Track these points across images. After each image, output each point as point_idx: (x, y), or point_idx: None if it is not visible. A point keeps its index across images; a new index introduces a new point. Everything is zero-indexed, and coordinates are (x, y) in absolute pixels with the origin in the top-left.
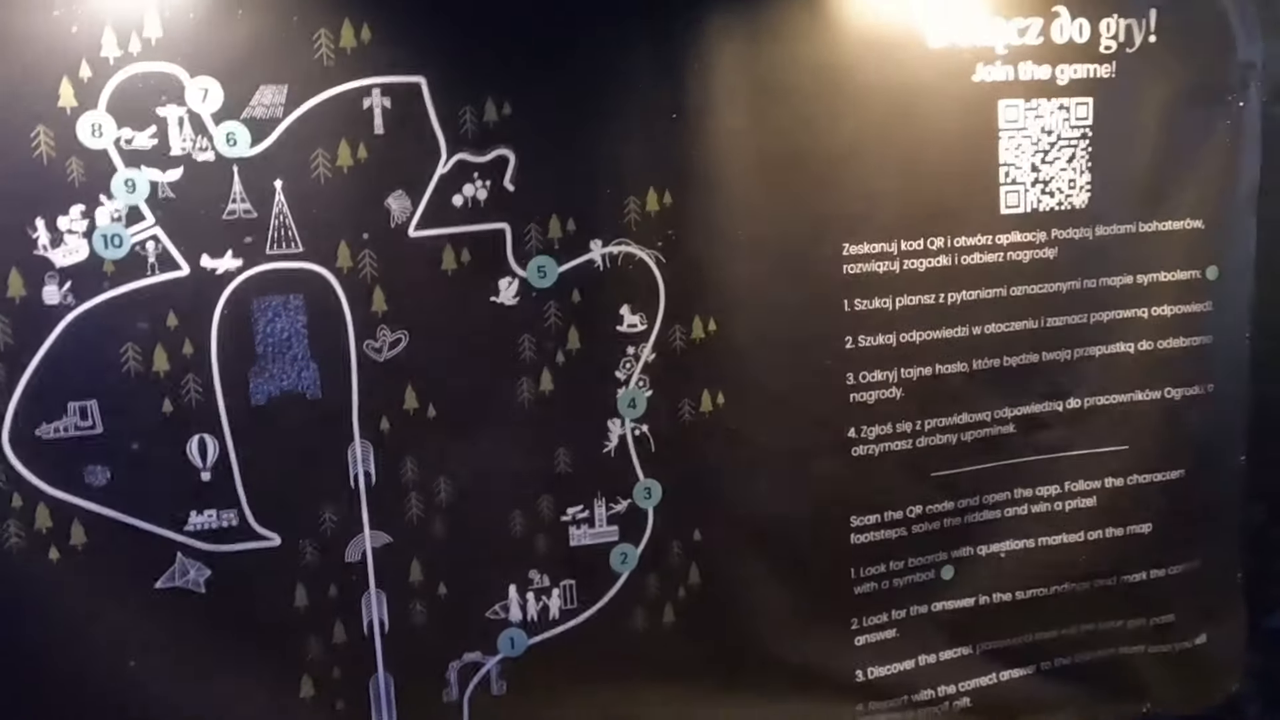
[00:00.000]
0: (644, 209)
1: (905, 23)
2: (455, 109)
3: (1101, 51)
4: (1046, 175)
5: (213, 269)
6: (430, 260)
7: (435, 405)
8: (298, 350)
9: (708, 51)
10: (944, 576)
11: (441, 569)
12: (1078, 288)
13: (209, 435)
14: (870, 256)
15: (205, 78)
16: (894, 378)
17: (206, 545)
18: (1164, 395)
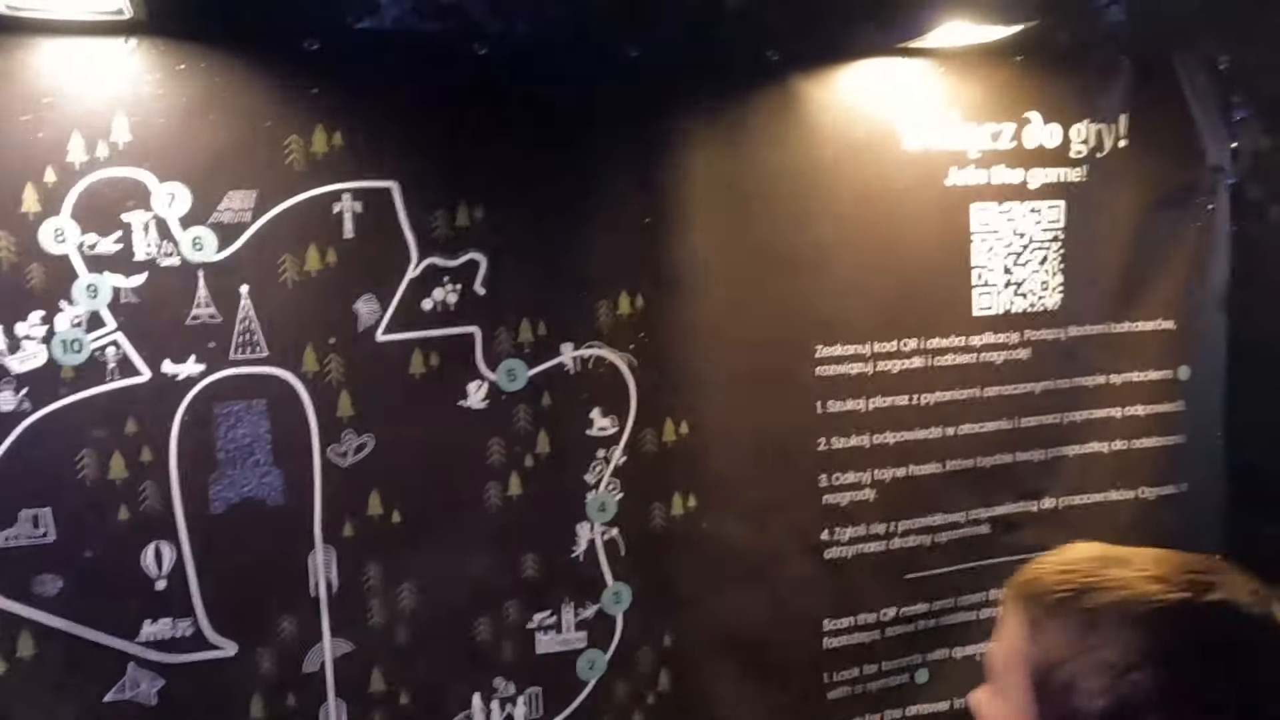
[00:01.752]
0: (616, 312)
1: (879, 127)
2: (427, 213)
3: (1073, 156)
4: (1019, 277)
5: (174, 374)
6: (398, 364)
7: (400, 510)
8: (260, 456)
9: (681, 155)
10: (918, 679)
11: (404, 677)
12: (1051, 388)
13: (165, 543)
14: (843, 358)
15: (173, 183)
16: (867, 479)
17: (160, 655)
18: (1138, 495)
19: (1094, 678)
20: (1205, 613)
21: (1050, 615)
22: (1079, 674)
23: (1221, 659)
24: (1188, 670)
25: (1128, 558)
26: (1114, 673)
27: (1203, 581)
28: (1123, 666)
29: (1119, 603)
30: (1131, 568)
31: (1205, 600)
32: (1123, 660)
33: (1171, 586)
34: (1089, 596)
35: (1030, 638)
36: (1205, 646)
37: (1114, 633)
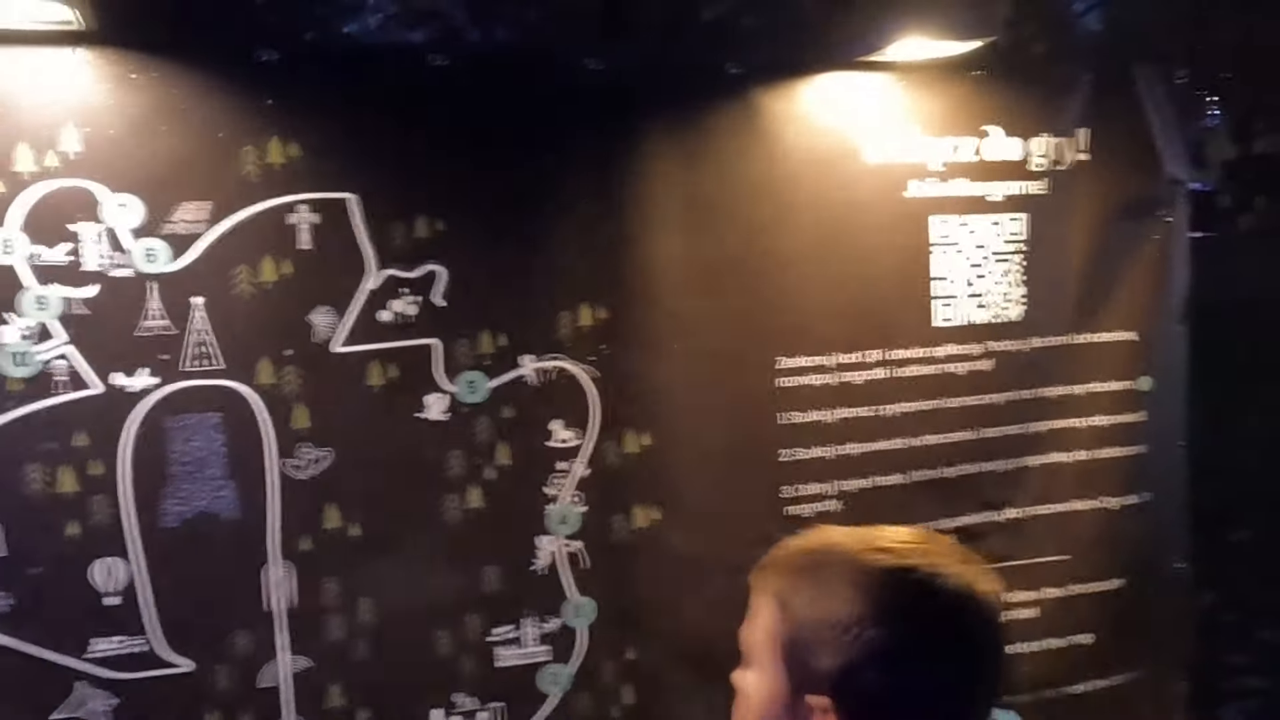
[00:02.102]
0: (577, 323)
1: (840, 140)
2: (385, 225)
3: (1033, 169)
4: (981, 289)
5: (125, 387)
6: (356, 376)
7: (359, 524)
8: (214, 470)
9: (642, 167)
10: None
11: (363, 693)
12: (1014, 399)
13: (117, 559)
14: (806, 369)
15: (125, 194)
16: (831, 490)
17: (110, 673)
18: (1101, 504)
19: (828, 639)
20: (916, 578)
21: (791, 590)
22: (815, 639)
23: (930, 620)
24: (902, 629)
25: (860, 534)
26: (842, 633)
27: (920, 551)
28: (848, 627)
29: (846, 571)
30: (860, 541)
31: (918, 567)
32: (848, 621)
33: (892, 556)
34: (822, 569)
35: (777, 614)
36: (915, 608)
37: (841, 598)
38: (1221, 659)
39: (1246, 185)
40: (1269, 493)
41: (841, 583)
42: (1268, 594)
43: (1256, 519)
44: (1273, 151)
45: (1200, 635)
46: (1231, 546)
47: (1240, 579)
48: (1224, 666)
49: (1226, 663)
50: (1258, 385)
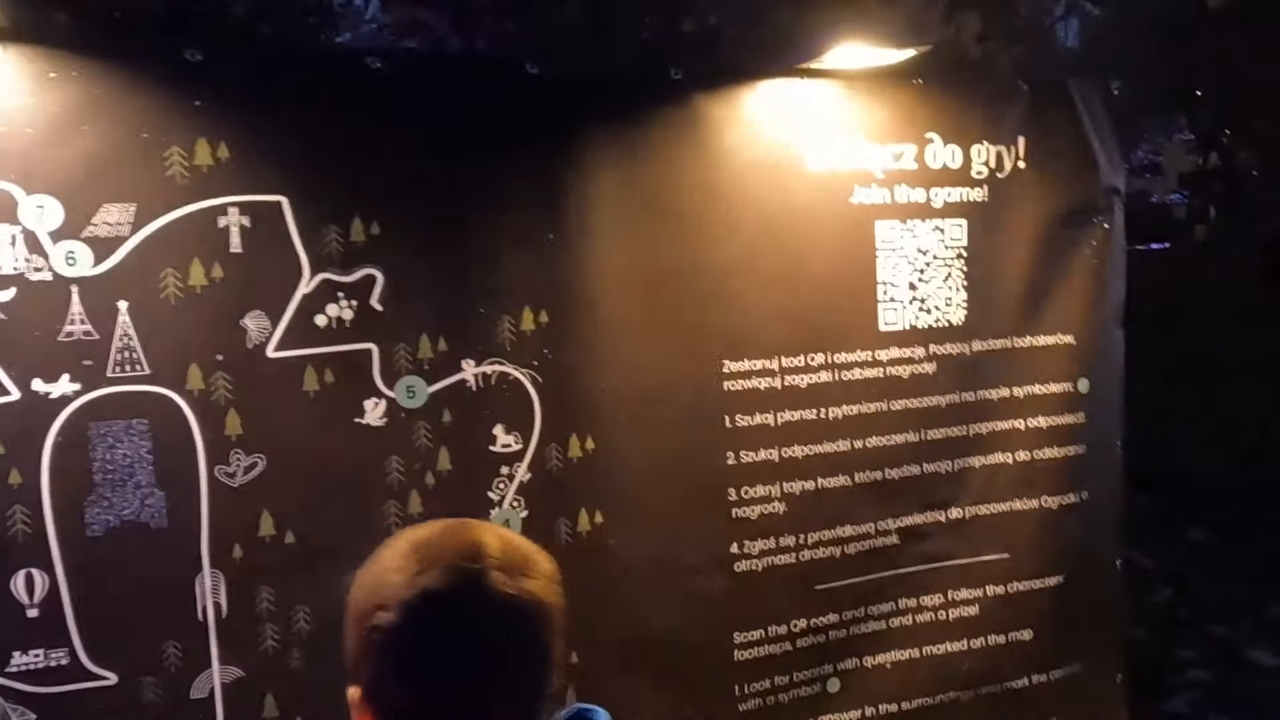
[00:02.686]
0: (519, 328)
1: (784, 146)
2: (319, 228)
3: (974, 176)
4: (924, 293)
5: (46, 393)
6: (290, 381)
7: (294, 532)
8: (141, 478)
9: (584, 171)
10: (830, 689)
11: (299, 703)
12: (956, 401)
13: (37, 569)
14: (751, 373)
15: (42, 195)
16: (776, 492)
17: (31, 687)
18: (1041, 504)
19: (351, 631)
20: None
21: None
22: (348, 630)
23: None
24: (396, 622)
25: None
26: (357, 626)
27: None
28: (360, 620)
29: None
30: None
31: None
32: (360, 615)
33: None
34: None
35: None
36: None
37: (362, 591)
38: (1172, 654)
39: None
40: (1222, 494)
41: (374, 579)
42: (1220, 591)
43: (1213, 519)
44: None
45: (1152, 631)
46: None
47: (1194, 577)
48: (1174, 661)
49: (1177, 657)
50: None
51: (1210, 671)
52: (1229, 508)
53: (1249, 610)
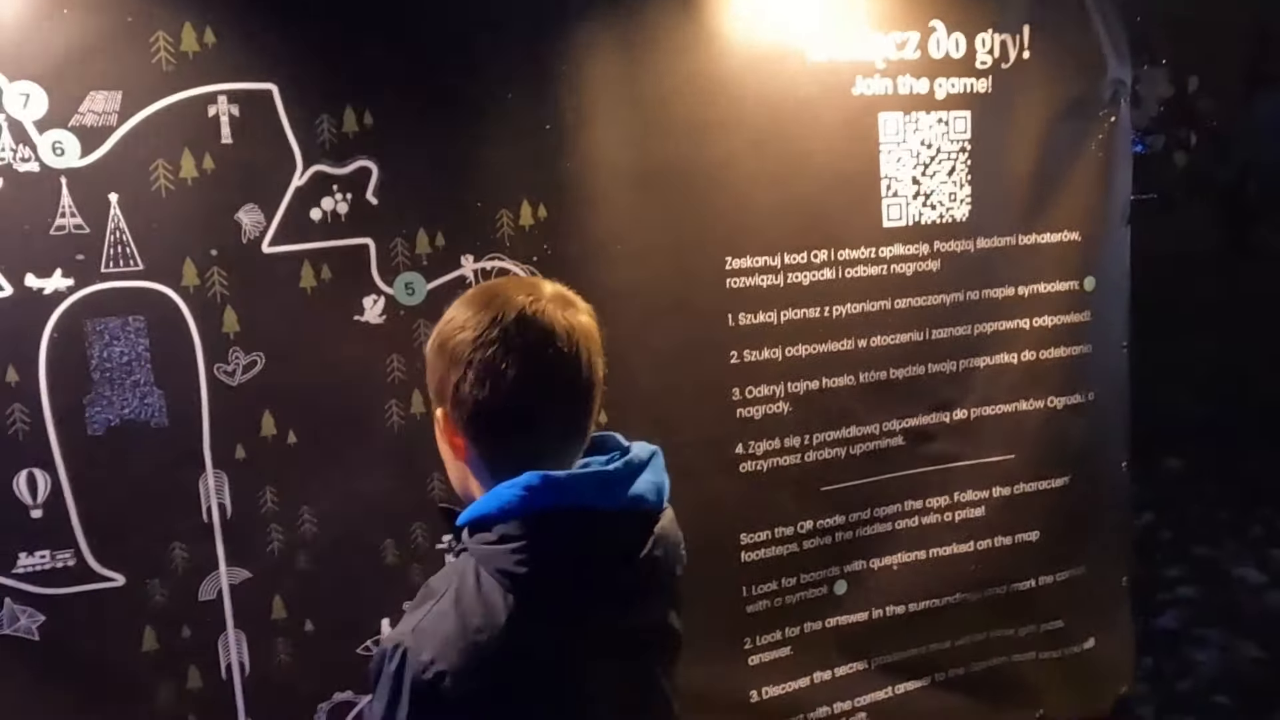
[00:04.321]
0: (518, 223)
1: (784, 36)
2: (311, 118)
3: (978, 66)
4: (928, 188)
5: (40, 289)
6: (287, 278)
7: (296, 431)
8: (140, 375)
9: (583, 61)
10: (837, 591)
11: (307, 604)
12: (961, 300)
13: (39, 469)
14: (753, 270)
15: (26, 82)
16: (780, 392)
17: (39, 588)
18: (1047, 404)
19: (436, 360)
20: (486, 295)
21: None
22: (432, 360)
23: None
24: (480, 349)
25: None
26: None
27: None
28: (443, 345)
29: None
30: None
31: (491, 290)
32: (445, 341)
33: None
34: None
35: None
36: (483, 317)
37: (450, 326)
38: (1159, 572)
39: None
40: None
41: (448, 313)
42: (1202, 512)
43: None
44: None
45: (1138, 551)
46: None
47: (1177, 499)
48: (1163, 579)
49: (1164, 575)
50: None
51: (1198, 588)
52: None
53: (1232, 532)
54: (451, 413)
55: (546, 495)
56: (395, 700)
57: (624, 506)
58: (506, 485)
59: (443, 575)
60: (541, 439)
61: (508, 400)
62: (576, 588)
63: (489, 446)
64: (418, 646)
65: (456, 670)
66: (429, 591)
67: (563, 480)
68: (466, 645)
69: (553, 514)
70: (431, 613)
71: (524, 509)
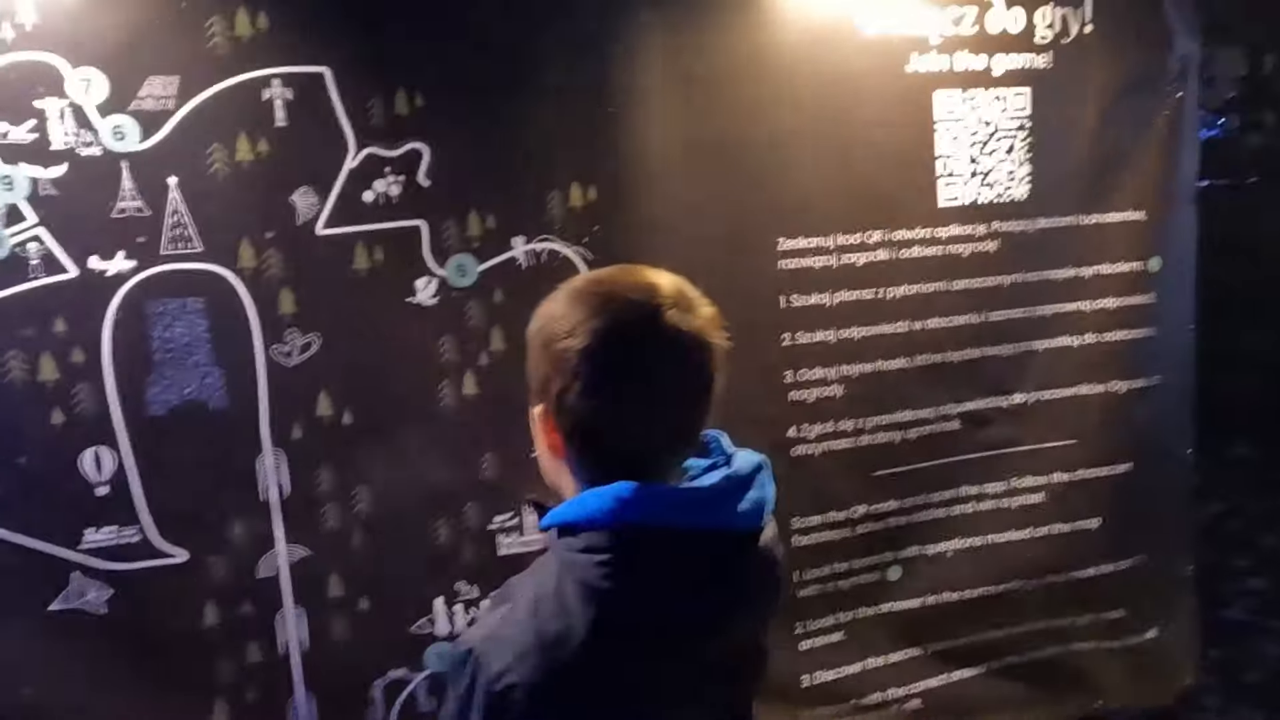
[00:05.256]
0: (568, 204)
1: (838, 11)
2: (362, 100)
3: (1038, 42)
4: (985, 167)
5: (102, 271)
6: (341, 260)
7: (351, 411)
8: (199, 356)
9: (634, 40)
10: (890, 577)
11: (362, 582)
12: (1020, 281)
13: (104, 447)
14: (806, 251)
15: (88, 68)
16: (834, 375)
17: (106, 564)
18: (1110, 389)
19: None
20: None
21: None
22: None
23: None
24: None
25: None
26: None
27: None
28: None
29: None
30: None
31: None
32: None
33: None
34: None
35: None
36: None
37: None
38: (1228, 563)
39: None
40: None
41: (554, 307)
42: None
43: (1259, 432)
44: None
45: (1205, 541)
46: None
47: (1246, 487)
48: (1231, 570)
49: (1233, 566)
50: None
51: (1267, 579)
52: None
53: None
54: (553, 414)
55: (638, 508)
56: (466, 707)
57: (720, 525)
58: (597, 493)
59: (525, 576)
60: (647, 449)
61: (616, 414)
62: (662, 608)
63: (590, 453)
64: (490, 656)
65: (529, 684)
66: (507, 593)
67: (657, 494)
68: (541, 659)
69: (643, 529)
70: (508, 619)
71: (613, 520)
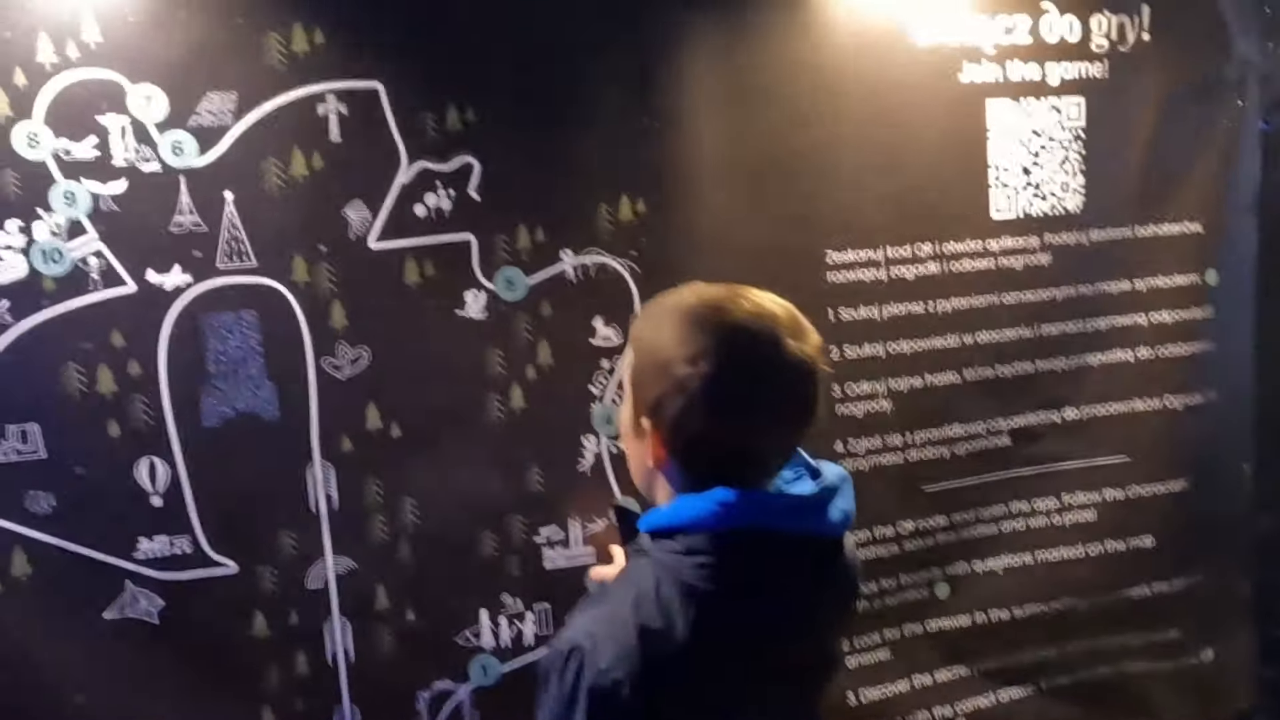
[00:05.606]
0: (617, 217)
1: (889, 21)
2: (415, 115)
3: (1093, 49)
4: (1038, 178)
5: (160, 285)
6: (392, 273)
7: (400, 424)
8: (252, 369)
9: (682, 51)
10: (939, 594)
11: (409, 594)
12: (1073, 294)
13: (159, 459)
14: (856, 264)
15: (147, 84)
16: (883, 389)
17: (158, 573)
18: (1165, 404)
19: (654, 374)
20: (728, 333)
21: (640, 332)
22: (648, 373)
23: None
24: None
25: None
26: (662, 369)
27: (750, 311)
28: (666, 365)
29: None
30: (704, 296)
31: (735, 324)
32: (667, 360)
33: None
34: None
35: (631, 352)
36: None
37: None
38: None
39: None
40: None
41: (672, 328)
42: None
43: None
44: None
45: (1263, 560)
46: None
47: None
48: None
49: None
50: None
51: None
52: None
53: None
54: (661, 429)
55: (740, 513)
56: (571, 704)
57: (812, 532)
58: (699, 498)
59: (623, 578)
60: (754, 464)
61: (730, 436)
62: (758, 610)
63: (697, 465)
64: (595, 652)
65: (634, 678)
66: (605, 593)
67: (760, 500)
68: (644, 655)
69: (743, 533)
70: (608, 617)
71: (716, 524)
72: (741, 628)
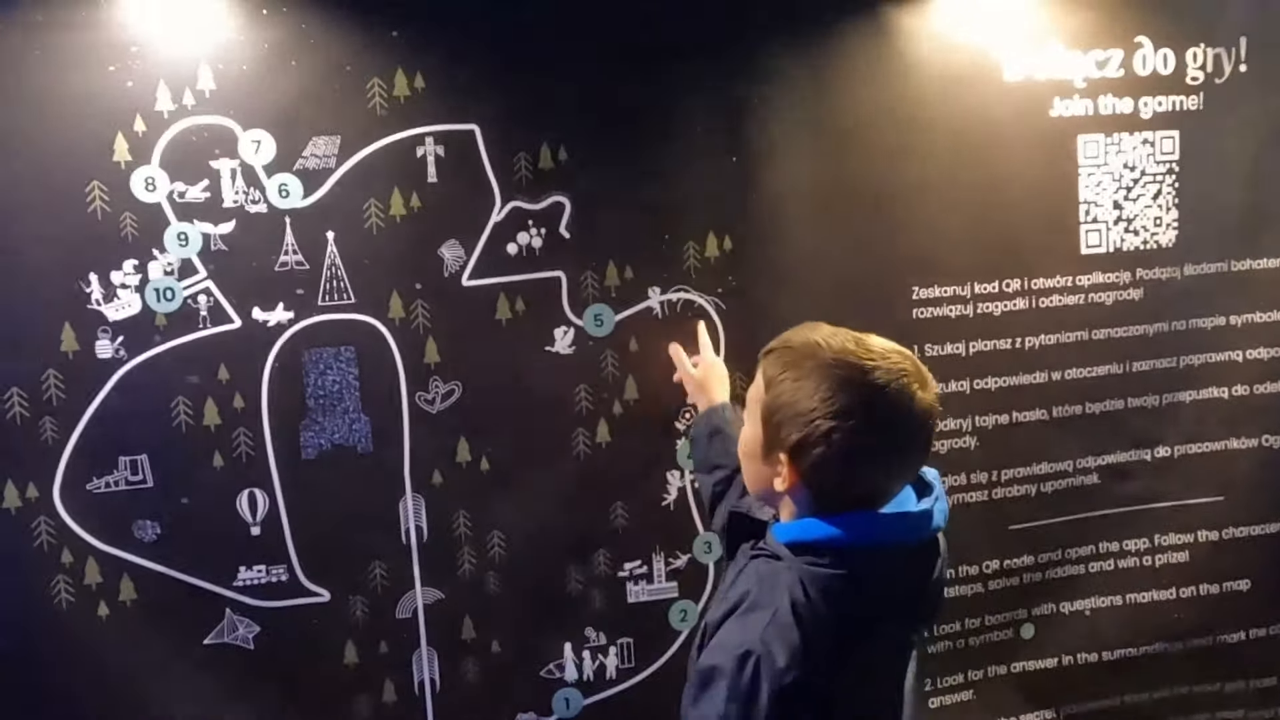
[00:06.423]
0: (704, 254)
1: (978, 56)
2: (509, 156)
3: (1188, 83)
4: (1130, 213)
5: (264, 321)
6: (484, 310)
7: (489, 458)
8: (349, 403)
9: (769, 90)
10: (1024, 635)
11: (494, 626)
12: (1165, 330)
13: (259, 489)
14: (942, 300)
15: (258, 130)
16: (968, 426)
17: (256, 601)
18: (1262, 443)
19: (792, 419)
20: (866, 389)
21: (778, 376)
22: (786, 417)
23: (868, 422)
24: (845, 425)
25: (840, 339)
26: (803, 418)
27: (882, 364)
28: (807, 414)
29: (817, 372)
30: (837, 348)
31: (872, 378)
32: (808, 410)
33: (855, 366)
34: (802, 366)
35: (765, 390)
36: (859, 411)
37: (807, 393)
38: None
39: None
40: None
41: (814, 382)
42: None
43: None
44: None
45: None
46: None
47: None
48: None
49: None
50: None
51: None
52: None
53: None
54: (800, 468)
55: (866, 533)
56: (749, 703)
57: (925, 538)
58: (831, 521)
59: (764, 587)
60: (880, 497)
61: (864, 482)
62: (886, 611)
63: (829, 499)
64: (773, 656)
65: (810, 676)
66: (756, 600)
67: (881, 520)
68: (814, 655)
69: (872, 548)
70: (774, 623)
71: (849, 542)
72: (874, 626)
